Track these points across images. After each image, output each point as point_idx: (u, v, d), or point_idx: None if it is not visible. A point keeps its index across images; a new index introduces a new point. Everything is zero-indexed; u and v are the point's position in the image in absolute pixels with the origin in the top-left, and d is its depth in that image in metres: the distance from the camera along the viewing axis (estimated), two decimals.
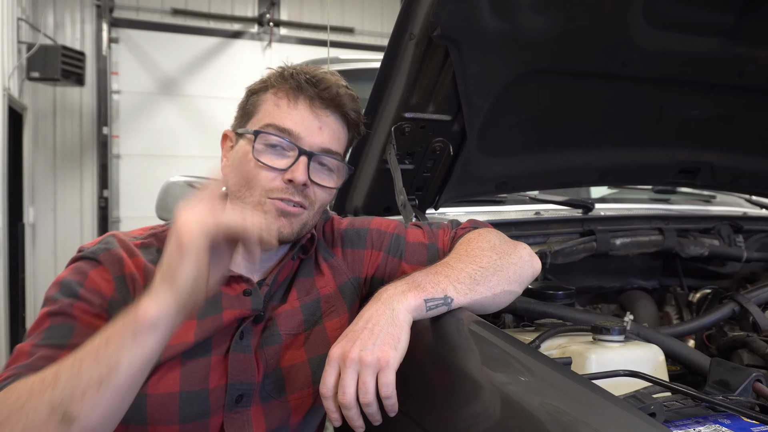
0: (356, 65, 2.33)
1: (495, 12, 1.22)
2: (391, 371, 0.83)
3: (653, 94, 1.62)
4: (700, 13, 1.41)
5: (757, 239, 2.00)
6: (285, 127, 1.02)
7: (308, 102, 1.04)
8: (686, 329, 1.39)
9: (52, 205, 6.24)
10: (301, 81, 1.04)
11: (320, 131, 1.04)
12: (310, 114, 1.04)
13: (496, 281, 1.01)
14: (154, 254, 1.02)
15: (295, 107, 1.04)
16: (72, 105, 6.28)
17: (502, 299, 1.03)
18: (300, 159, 1.01)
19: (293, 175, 1.00)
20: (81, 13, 6.36)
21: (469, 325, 0.95)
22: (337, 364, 0.84)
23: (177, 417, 0.96)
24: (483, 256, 1.03)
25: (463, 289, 0.96)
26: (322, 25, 7.25)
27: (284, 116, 1.03)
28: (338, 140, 1.08)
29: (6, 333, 4.83)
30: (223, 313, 1.01)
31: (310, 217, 1.06)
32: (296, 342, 1.07)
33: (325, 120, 1.05)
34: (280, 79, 1.06)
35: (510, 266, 1.05)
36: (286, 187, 1.01)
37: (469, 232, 1.15)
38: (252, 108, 1.07)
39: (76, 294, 0.93)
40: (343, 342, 0.86)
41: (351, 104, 1.07)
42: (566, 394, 0.75)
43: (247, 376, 1.01)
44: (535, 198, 2.01)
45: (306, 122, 1.03)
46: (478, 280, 0.98)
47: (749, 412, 0.85)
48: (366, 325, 0.86)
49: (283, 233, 1.02)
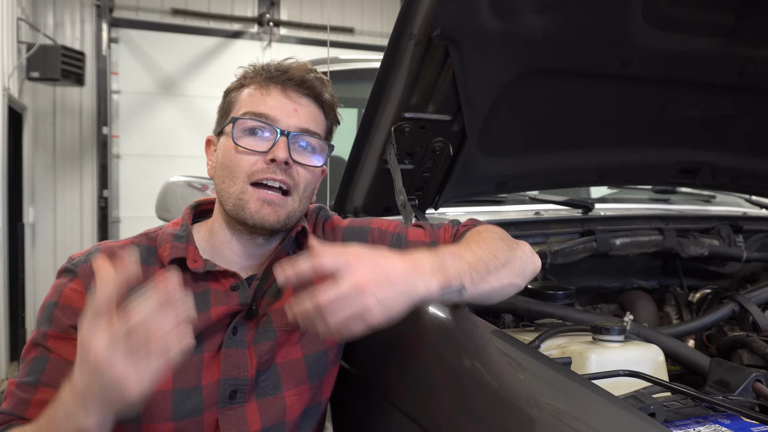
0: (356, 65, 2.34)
1: (495, 12, 1.22)
2: (365, 329, 0.82)
3: (653, 94, 1.62)
4: (700, 13, 1.41)
5: (757, 239, 2.00)
6: (261, 112, 1.05)
7: (280, 87, 1.08)
8: (686, 329, 1.39)
9: (52, 205, 6.24)
10: (271, 70, 1.08)
11: (296, 113, 1.07)
12: (283, 98, 1.07)
13: (504, 273, 1.01)
14: (143, 252, 1.06)
15: (269, 94, 1.07)
16: (72, 105, 6.28)
17: (507, 291, 1.03)
18: (280, 139, 1.04)
19: (274, 154, 1.02)
20: (81, 13, 6.36)
21: (470, 325, 0.95)
22: (349, 286, 0.81)
23: (171, 414, 0.96)
24: (496, 245, 1.03)
25: (477, 277, 0.95)
26: (322, 25, 7.25)
27: (259, 103, 1.06)
28: (315, 122, 1.10)
29: (6, 333, 4.83)
30: (211, 309, 1.02)
31: (297, 203, 1.07)
32: (292, 338, 1.07)
33: (299, 101, 1.08)
34: (251, 74, 1.10)
35: (517, 259, 1.05)
36: (268, 167, 1.03)
37: (472, 228, 1.15)
38: (228, 106, 1.11)
39: (50, 318, 0.98)
40: (369, 269, 0.83)
41: (322, 86, 1.10)
42: (566, 394, 0.75)
43: (239, 371, 1.01)
44: (535, 198, 2.01)
45: (280, 105, 1.06)
46: (491, 270, 0.97)
47: (749, 412, 0.85)
48: (392, 271, 0.84)
49: (269, 221, 1.04)
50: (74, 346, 0.87)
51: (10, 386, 0.96)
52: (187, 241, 1.06)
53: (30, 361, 0.96)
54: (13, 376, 0.99)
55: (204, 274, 1.04)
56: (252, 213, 1.03)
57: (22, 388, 0.94)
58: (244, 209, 1.03)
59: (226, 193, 1.05)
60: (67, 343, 0.96)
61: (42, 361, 0.95)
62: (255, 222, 1.03)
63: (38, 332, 0.98)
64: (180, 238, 1.06)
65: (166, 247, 1.05)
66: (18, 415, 0.92)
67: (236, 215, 1.04)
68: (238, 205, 1.03)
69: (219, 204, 1.10)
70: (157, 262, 1.05)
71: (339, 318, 0.80)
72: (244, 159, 1.04)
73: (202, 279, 1.04)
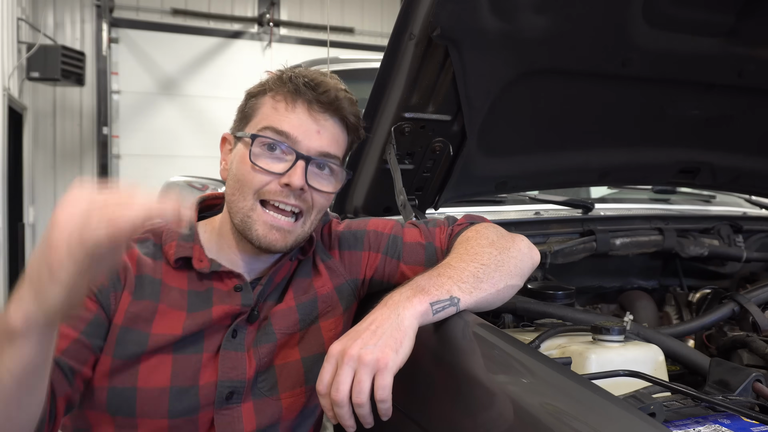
0: (356, 65, 2.33)
1: (495, 12, 1.22)
2: (389, 374, 0.81)
3: (653, 94, 1.62)
4: (699, 13, 1.41)
5: (757, 239, 2.00)
6: (282, 130, 1.01)
7: (306, 105, 1.03)
8: (686, 329, 1.39)
9: (52, 205, 6.21)
10: (300, 84, 1.02)
11: (318, 135, 1.03)
12: (308, 117, 1.03)
13: (498, 277, 1.00)
14: (149, 248, 1.04)
15: (293, 110, 1.02)
16: (72, 105, 6.28)
17: (505, 294, 1.03)
18: (297, 163, 1.00)
19: (290, 180, 0.99)
20: (81, 13, 6.36)
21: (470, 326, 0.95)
22: (335, 361, 0.83)
23: (166, 411, 0.97)
24: (483, 253, 1.02)
25: (468, 287, 0.95)
26: (322, 25, 7.25)
27: (282, 119, 1.02)
28: (337, 144, 1.06)
29: None
30: (213, 308, 1.02)
31: (307, 226, 1.06)
32: (291, 341, 1.07)
33: (324, 124, 1.04)
34: (278, 82, 1.05)
35: (510, 260, 1.04)
36: (281, 191, 1.00)
37: (466, 229, 1.14)
38: (250, 111, 1.07)
39: None
40: (344, 339, 0.85)
41: (350, 108, 1.06)
42: (566, 394, 0.75)
43: (237, 374, 1.01)
44: (535, 198, 2.01)
45: (304, 126, 1.02)
46: (481, 278, 0.97)
47: (749, 412, 0.85)
48: (369, 326, 0.85)
49: (276, 247, 1.02)
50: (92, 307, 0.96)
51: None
52: (193, 240, 1.06)
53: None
54: None
55: (209, 273, 1.04)
56: (259, 236, 1.01)
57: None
58: (251, 230, 1.01)
59: (235, 206, 1.03)
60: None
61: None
62: (261, 245, 1.02)
63: None
64: (185, 237, 1.06)
65: (171, 245, 1.04)
66: None
67: (243, 232, 1.03)
68: (246, 223, 1.02)
69: (228, 210, 1.08)
70: (163, 257, 1.04)
71: (359, 389, 0.80)
72: (258, 177, 1.01)
73: (206, 278, 1.04)
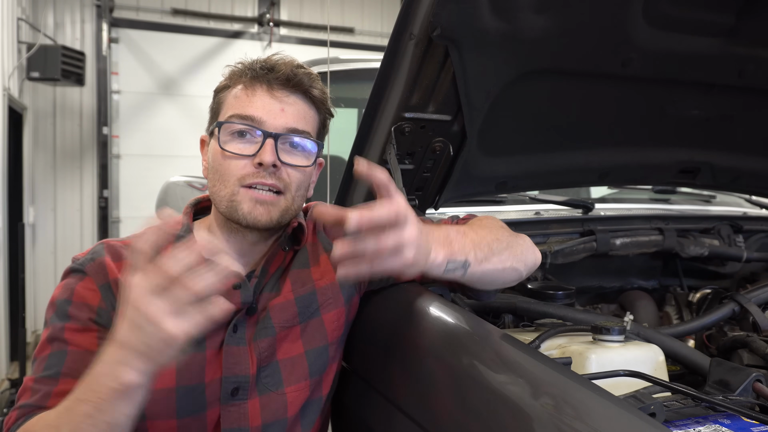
0: (356, 65, 2.33)
1: (495, 12, 1.22)
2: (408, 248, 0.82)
3: (653, 94, 1.62)
4: (700, 13, 1.41)
5: (757, 239, 2.00)
6: (247, 114, 1.05)
7: (266, 87, 1.06)
8: (686, 329, 1.39)
9: (52, 205, 6.24)
10: (256, 69, 1.07)
11: (283, 112, 1.06)
12: (270, 98, 1.06)
13: (507, 255, 1.04)
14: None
15: (254, 95, 1.06)
16: (72, 105, 6.28)
17: (508, 276, 1.07)
18: (267, 141, 1.03)
19: (261, 158, 1.02)
20: (81, 13, 6.36)
21: (470, 325, 0.95)
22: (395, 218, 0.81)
23: (174, 412, 0.98)
24: (498, 231, 1.07)
25: (481, 256, 0.98)
26: (322, 25, 7.25)
27: (245, 105, 1.06)
28: (304, 119, 1.09)
29: (6, 333, 4.83)
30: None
31: (290, 201, 1.07)
32: (291, 334, 1.07)
33: (286, 101, 1.07)
34: (237, 74, 1.09)
35: (518, 246, 1.09)
36: (257, 171, 1.03)
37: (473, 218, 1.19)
38: (217, 107, 1.11)
39: (66, 314, 0.98)
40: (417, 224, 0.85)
41: (310, 82, 1.09)
42: (566, 394, 0.75)
43: (241, 368, 1.02)
44: (535, 198, 2.01)
45: (267, 106, 1.05)
46: (494, 251, 1.01)
47: (749, 412, 0.85)
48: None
49: (262, 221, 1.04)
50: (95, 337, 0.93)
51: (26, 383, 0.95)
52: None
53: (47, 357, 0.95)
54: (13, 375, 0.98)
55: None
56: (245, 213, 1.03)
57: (42, 382, 0.93)
58: (237, 210, 1.04)
59: (218, 196, 1.06)
60: (87, 335, 0.96)
61: (60, 354, 0.95)
62: (248, 222, 1.04)
63: (53, 328, 0.97)
64: (181, 239, 1.06)
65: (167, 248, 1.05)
66: (39, 405, 0.91)
67: (230, 216, 1.06)
68: (231, 207, 1.04)
69: (213, 206, 1.11)
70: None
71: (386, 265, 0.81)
72: (233, 163, 1.04)
73: None
